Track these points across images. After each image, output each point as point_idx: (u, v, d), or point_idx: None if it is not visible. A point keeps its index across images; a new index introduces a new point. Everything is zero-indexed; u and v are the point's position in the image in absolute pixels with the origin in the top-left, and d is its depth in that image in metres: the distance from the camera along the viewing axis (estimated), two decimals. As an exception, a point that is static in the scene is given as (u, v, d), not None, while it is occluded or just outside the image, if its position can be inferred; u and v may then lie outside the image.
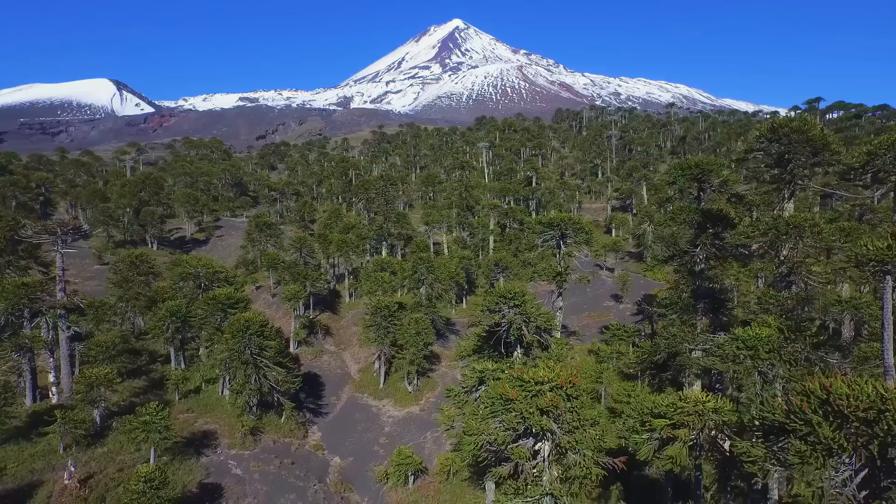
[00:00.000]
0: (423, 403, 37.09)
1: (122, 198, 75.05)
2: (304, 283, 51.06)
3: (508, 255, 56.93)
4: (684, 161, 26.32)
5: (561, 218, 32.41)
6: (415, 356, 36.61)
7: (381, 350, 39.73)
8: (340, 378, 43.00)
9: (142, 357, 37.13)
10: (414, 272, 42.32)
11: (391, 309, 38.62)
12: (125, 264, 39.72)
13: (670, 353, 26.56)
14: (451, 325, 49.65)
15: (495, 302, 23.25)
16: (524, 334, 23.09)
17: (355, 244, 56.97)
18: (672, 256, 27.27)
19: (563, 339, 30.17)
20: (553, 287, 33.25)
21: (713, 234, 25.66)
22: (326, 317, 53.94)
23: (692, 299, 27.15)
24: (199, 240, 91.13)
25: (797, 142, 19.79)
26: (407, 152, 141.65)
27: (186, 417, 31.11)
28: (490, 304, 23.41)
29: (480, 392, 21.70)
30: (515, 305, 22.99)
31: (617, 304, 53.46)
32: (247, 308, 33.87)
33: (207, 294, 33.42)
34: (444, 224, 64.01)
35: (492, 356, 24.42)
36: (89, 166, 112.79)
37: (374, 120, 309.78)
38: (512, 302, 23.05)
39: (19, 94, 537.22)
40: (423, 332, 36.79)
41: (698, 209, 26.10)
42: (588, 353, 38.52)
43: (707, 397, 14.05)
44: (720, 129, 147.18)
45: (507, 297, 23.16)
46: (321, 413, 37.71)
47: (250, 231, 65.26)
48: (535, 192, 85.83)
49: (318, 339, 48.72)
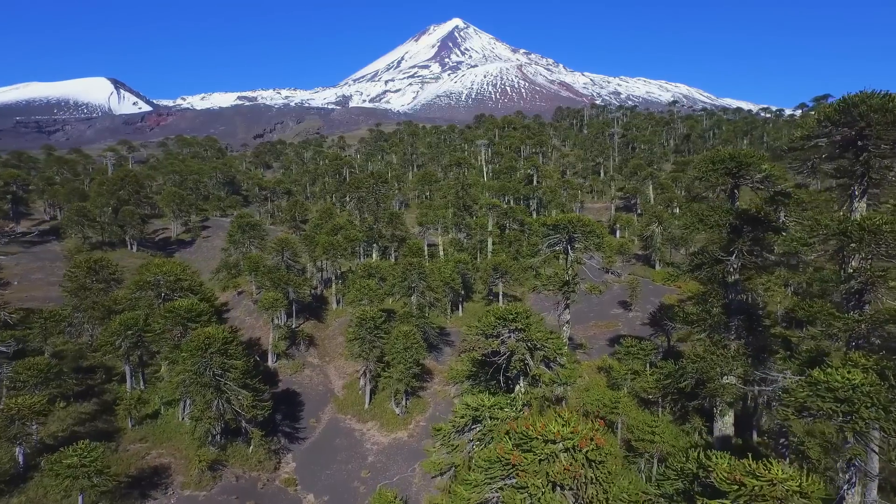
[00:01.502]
0: (413, 428, 33.00)
1: (100, 196, 70.90)
2: (287, 289, 47.04)
3: (508, 259, 52.82)
4: (715, 153, 22.39)
5: (568, 219, 28.25)
6: (403, 374, 32.54)
7: (367, 366, 35.67)
8: (322, 396, 38.91)
9: (96, 375, 33.02)
10: (404, 279, 38.21)
11: (377, 320, 34.55)
12: (82, 270, 35.60)
13: (699, 379, 22.54)
14: (446, 336, 45.56)
15: (493, 325, 19.07)
16: (529, 366, 19.00)
17: (343, 246, 52.90)
18: (700, 265, 23.17)
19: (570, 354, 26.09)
20: (559, 298, 29.24)
21: (752, 239, 21.61)
22: (311, 325, 49.87)
23: (724, 315, 23.10)
24: (184, 241, 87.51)
25: (879, 123, 15.78)
26: (404, 150, 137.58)
27: (138, 449, 27.02)
28: (486, 327, 19.14)
29: (475, 433, 17.66)
30: (518, 330, 18.85)
31: (625, 313, 49.40)
32: (211, 321, 29.78)
33: (165, 305, 29.34)
34: (439, 225, 59.85)
35: (489, 385, 20.41)
36: (73, 164, 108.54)
37: (372, 119, 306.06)
38: (513, 325, 18.88)
39: (16, 92, 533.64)
40: (413, 348, 32.70)
41: (732, 210, 22.09)
42: (598, 371, 34.45)
43: (785, 472, 10.04)
44: (725, 126, 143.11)
45: (508, 319, 18.97)
46: (298, 438, 33.60)
47: (232, 232, 61.12)
48: (536, 191, 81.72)
49: (299, 351, 44.62)
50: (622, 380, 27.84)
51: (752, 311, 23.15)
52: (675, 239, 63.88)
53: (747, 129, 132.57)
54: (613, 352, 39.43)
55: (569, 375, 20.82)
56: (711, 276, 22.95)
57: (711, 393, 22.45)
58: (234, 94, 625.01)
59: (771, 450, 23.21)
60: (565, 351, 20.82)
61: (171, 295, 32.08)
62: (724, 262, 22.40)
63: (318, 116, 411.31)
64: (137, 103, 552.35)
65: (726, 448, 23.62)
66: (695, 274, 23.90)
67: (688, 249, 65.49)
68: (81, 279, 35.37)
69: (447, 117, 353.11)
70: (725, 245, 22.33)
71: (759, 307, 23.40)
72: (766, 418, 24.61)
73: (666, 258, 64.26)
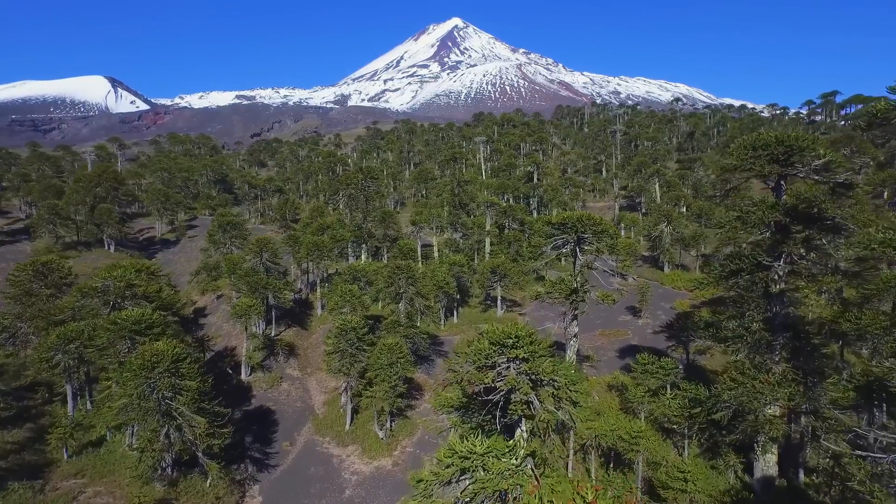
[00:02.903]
0: (398, 455, 28.99)
1: (75, 193, 66.81)
2: (265, 293, 43.08)
3: (507, 261, 48.86)
4: (758, 137, 18.47)
5: (577, 217, 24.10)
6: (387, 394, 28.58)
7: (348, 382, 31.70)
8: (300, 414, 34.88)
9: (37, 395, 28.99)
10: (390, 284, 34.20)
11: (359, 331, 30.58)
12: (27, 273, 31.56)
13: (737, 409, 18.58)
14: (439, 345, 41.57)
15: (486, 353, 14.89)
16: (534, 407, 14.90)
17: (329, 247, 48.91)
18: (736, 272, 19.20)
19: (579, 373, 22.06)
20: (566, 308, 25.21)
21: (804, 240, 17.68)
22: (293, 333, 45.88)
23: (766, 332, 19.15)
24: (169, 241, 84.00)
25: None
26: (400, 148, 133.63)
27: (71, 486, 23.00)
28: (478, 356, 14.88)
29: (463, 490, 13.69)
30: (520, 360, 14.72)
31: (635, 319, 45.44)
32: (165, 333, 25.76)
33: (109, 317, 25.34)
34: (434, 223, 55.83)
35: (483, 424, 16.36)
36: (56, 160, 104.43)
37: (371, 118, 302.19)
38: (513, 352, 14.75)
39: (12, 90, 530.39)
40: (399, 363, 28.73)
41: (779, 205, 18.16)
42: (608, 389, 30.45)
43: None
44: (730, 123, 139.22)
45: (506, 345, 14.77)
46: (267, 466, 29.58)
47: (212, 231, 57.19)
48: (537, 189, 77.76)
49: (278, 363, 40.63)
50: (639, 403, 23.89)
51: (800, 327, 19.17)
52: (684, 239, 60.10)
53: (753, 126, 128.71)
54: (624, 365, 35.48)
55: (580, 415, 16.79)
56: (751, 284, 18.99)
57: (752, 426, 18.49)
58: (232, 93, 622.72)
59: (823, 494, 19.25)
60: (582, 386, 16.84)
61: (122, 303, 28.10)
62: (769, 268, 18.45)
63: (316, 115, 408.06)
64: (135, 102, 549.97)
65: (769, 491, 19.64)
66: (729, 282, 19.89)
67: (699, 251, 61.71)
68: (26, 283, 31.35)
69: (446, 116, 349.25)
70: (770, 247, 18.39)
71: (806, 321, 19.45)
72: (813, 453, 20.65)
73: (675, 260, 60.44)
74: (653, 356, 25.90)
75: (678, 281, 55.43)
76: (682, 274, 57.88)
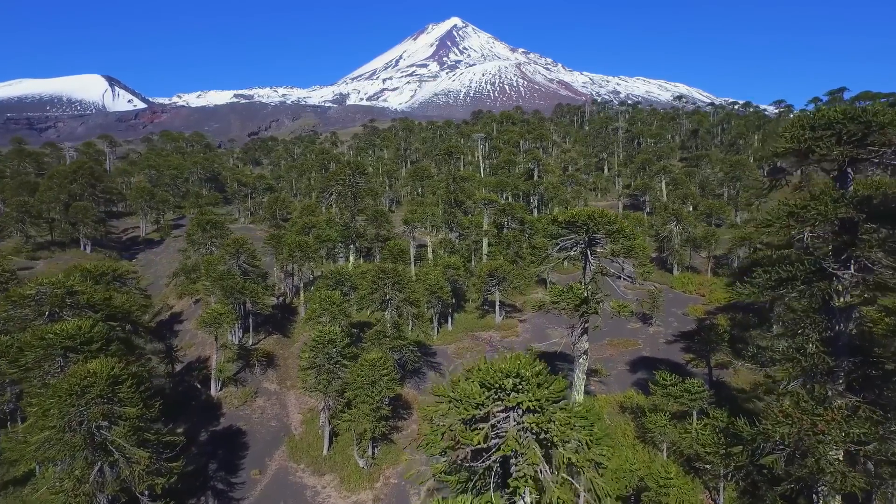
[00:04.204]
0: (380, 487, 25.23)
1: (49, 191, 62.99)
2: (243, 299, 39.37)
3: (506, 263, 45.13)
4: (819, 113, 14.85)
5: (588, 214, 20.20)
6: (368, 416, 24.83)
7: (326, 402, 27.95)
8: (274, 435, 31.11)
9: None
10: (374, 290, 30.44)
11: (337, 343, 26.85)
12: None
13: (791, 451, 14.89)
14: (431, 356, 37.87)
15: (477, 400, 10.62)
16: (544, 473, 11.01)
17: (313, 248, 45.16)
18: (787, 280, 15.52)
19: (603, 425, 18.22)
20: (575, 320, 21.42)
21: (881, 240, 14.01)
22: (273, 341, 42.16)
23: (827, 355, 15.45)
24: (153, 240, 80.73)
25: None
26: (397, 145, 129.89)
27: (-17, 534, 19.25)
28: (466, 404, 10.59)
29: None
30: (525, 411, 10.52)
31: (645, 327, 41.77)
32: (108, 349, 22.02)
33: (37, 331, 21.59)
34: (428, 223, 52.08)
35: (476, 484, 12.48)
36: (38, 157, 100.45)
37: (369, 117, 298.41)
38: (514, 398, 10.54)
39: (8, 89, 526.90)
40: (382, 381, 24.99)
41: (847, 198, 14.51)
42: (620, 410, 26.72)
43: None
44: (735, 121, 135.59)
45: (505, 388, 10.65)
46: (232, 499, 25.83)
47: (191, 231, 53.42)
48: (537, 187, 74.01)
49: (254, 375, 36.88)
50: (660, 434, 20.18)
51: (872, 351, 15.46)
52: (695, 240, 56.38)
53: (759, 123, 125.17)
54: (637, 381, 31.75)
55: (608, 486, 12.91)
56: (809, 296, 15.30)
57: (813, 472, 14.78)
58: (230, 93, 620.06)
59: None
60: (608, 441, 13.00)
61: (60, 313, 24.35)
62: (831, 276, 14.77)
63: (314, 114, 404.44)
64: (132, 101, 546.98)
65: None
66: (776, 292, 16.15)
67: (710, 252, 58.00)
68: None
69: (445, 115, 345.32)
70: (836, 250, 14.71)
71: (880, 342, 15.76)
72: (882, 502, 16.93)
73: (685, 261, 56.72)
74: (675, 375, 22.18)
75: (689, 284, 51.80)
76: (692, 277, 54.21)
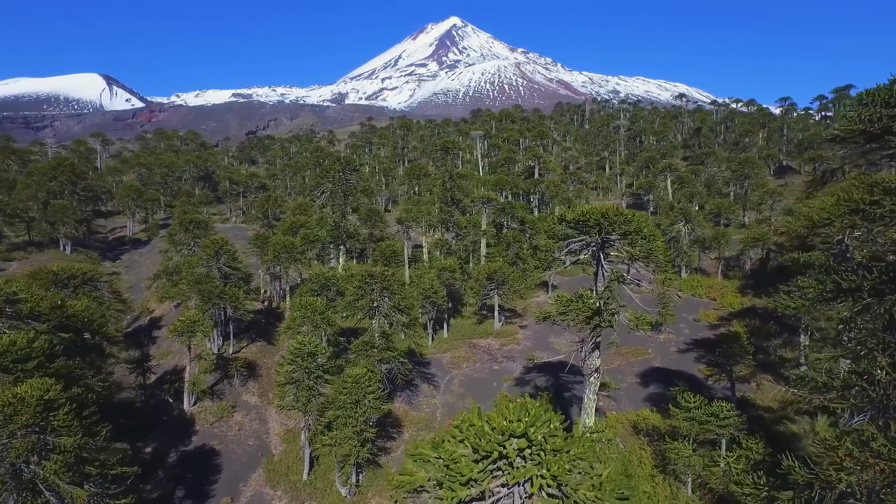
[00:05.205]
0: (364, 519, 22.49)
1: (26, 189, 60.20)
2: (222, 304, 36.58)
3: (506, 265, 42.38)
4: (880, 88, 12.23)
5: (601, 212, 17.25)
6: (351, 439, 22.07)
7: (306, 421, 25.20)
8: (251, 455, 28.32)
9: None
10: (360, 296, 27.68)
11: (318, 356, 24.11)
12: None
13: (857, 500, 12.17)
14: (424, 366, 35.11)
15: (465, 476, 7.98)
16: None
17: (301, 249, 42.39)
18: (849, 291, 12.77)
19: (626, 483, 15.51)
20: (586, 334, 18.62)
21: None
22: (257, 349, 39.35)
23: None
24: (140, 240, 78.24)
25: None
26: (394, 143, 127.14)
27: None
28: (450, 475, 7.95)
29: None
30: (533, 477, 7.65)
31: (655, 335, 38.90)
32: (46, 368, 19.26)
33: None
34: (423, 222, 49.32)
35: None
36: (24, 154, 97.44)
37: (367, 116, 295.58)
38: (519, 472, 7.62)
39: (5, 87, 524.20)
40: (368, 401, 22.23)
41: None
42: (633, 431, 23.97)
43: None
44: (738, 119, 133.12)
45: (506, 457, 7.72)
46: (197, 532, 23.10)
47: (173, 231, 50.72)
48: (538, 186, 71.29)
49: (232, 387, 34.06)
50: (684, 466, 17.43)
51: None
52: (704, 240, 53.73)
53: (763, 121, 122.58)
54: (649, 395, 29.00)
55: None
56: (876, 312, 12.55)
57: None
58: (228, 92, 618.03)
59: None
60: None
61: (-1, 324, 21.59)
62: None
63: (312, 113, 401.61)
64: (130, 100, 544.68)
65: None
66: (831, 305, 13.42)
67: (720, 253, 55.28)
68: None
69: (444, 115, 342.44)
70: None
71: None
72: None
73: (693, 263, 54.09)
74: (698, 397, 19.42)
75: (698, 287, 49.11)
76: (701, 279, 51.59)
